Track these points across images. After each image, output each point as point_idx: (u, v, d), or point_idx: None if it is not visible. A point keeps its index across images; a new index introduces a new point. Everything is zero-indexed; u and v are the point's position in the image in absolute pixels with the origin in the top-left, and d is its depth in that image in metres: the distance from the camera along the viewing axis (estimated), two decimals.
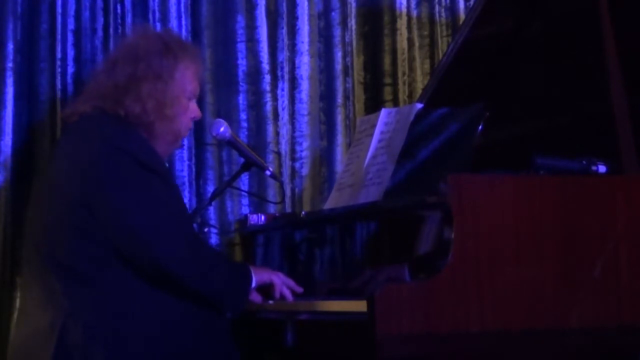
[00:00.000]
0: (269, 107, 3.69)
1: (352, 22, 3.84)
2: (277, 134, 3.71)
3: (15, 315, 3.26)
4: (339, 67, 3.81)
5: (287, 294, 2.80)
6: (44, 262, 2.65)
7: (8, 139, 3.31)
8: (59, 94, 3.36)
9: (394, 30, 3.88)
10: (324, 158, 3.77)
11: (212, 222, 3.54)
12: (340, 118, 3.79)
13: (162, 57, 2.81)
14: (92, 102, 2.78)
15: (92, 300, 2.57)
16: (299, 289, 2.82)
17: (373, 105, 3.82)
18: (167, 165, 2.87)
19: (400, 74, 3.86)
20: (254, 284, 2.76)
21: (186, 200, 3.43)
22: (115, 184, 2.62)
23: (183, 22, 3.57)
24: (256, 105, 3.69)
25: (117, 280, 2.60)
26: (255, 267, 2.84)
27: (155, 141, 2.79)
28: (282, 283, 2.80)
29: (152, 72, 2.79)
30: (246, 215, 3.51)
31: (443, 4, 3.90)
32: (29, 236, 2.79)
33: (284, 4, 3.74)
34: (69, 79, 3.39)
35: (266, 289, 2.81)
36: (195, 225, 3.41)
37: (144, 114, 2.75)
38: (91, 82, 2.96)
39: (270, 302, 2.79)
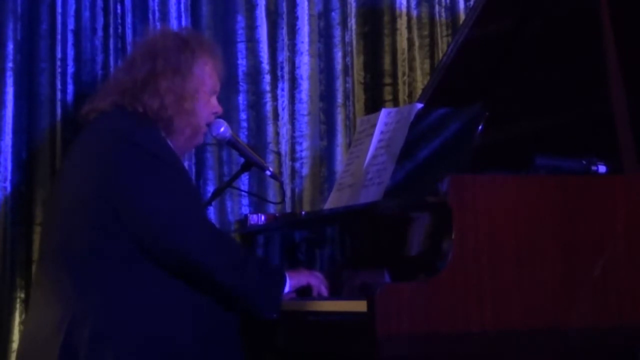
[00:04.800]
0: (269, 107, 3.69)
1: (352, 22, 3.84)
2: (277, 134, 3.71)
3: (17, 314, 3.26)
4: (339, 67, 3.81)
5: (324, 291, 2.74)
6: (56, 259, 2.65)
7: (8, 139, 3.31)
8: (59, 94, 3.36)
9: (394, 30, 3.88)
10: (324, 158, 3.77)
11: (212, 222, 3.53)
12: (340, 118, 3.79)
13: (180, 52, 2.82)
14: (111, 99, 2.79)
15: (102, 299, 2.56)
16: (326, 293, 2.77)
17: (373, 105, 3.82)
18: (183, 162, 2.84)
19: (400, 74, 3.86)
20: (288, 288, 2.69)
21: None
22: (132, 178, 2.61)
23: (183, 22, 3.57)
24: (256, 105, 3.69)
25: (128, 279, 2.59)
26: (291, 271, 2.75)
27: (174, 136, 2.80)
28: (320, 283, 2.75)
29: (170, 67, 2.79)
30: (246, 215, 3.51)
31: (443, 4, 3.90)
32: (44, 234, 2.79)
33: (284, 4, 3.74)
34: (69, 79, 3.40)
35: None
36: None
37: (162, 109, 2.75)
38: (110, 80, 2.97)
39: None
